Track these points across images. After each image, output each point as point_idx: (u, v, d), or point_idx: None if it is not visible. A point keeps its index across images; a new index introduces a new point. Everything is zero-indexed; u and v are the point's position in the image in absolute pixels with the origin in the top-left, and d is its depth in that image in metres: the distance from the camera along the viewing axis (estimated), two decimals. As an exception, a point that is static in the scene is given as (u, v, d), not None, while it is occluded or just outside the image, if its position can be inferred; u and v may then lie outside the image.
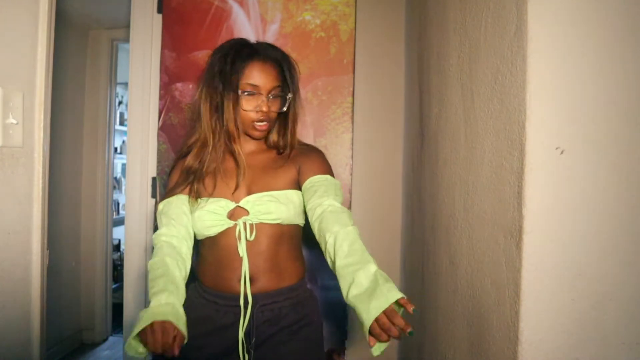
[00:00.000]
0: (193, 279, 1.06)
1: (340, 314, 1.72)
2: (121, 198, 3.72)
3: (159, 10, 1.82)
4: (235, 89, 0.98)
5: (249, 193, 1.02)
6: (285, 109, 1.03)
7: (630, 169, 0.65)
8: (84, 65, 2.72)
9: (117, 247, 3.39)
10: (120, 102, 3.71)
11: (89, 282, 2.79)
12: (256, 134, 1.03)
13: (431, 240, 1.23)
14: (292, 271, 1.04)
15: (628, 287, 0.66)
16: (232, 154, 1.04)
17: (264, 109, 0.99)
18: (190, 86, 1.78)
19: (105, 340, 2.82)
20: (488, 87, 0.82)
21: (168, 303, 0.85)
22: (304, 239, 1.13)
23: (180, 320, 0.84)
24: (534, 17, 0.66)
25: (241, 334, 0.97)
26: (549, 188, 0.66)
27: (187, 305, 1.04)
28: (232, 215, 1.00)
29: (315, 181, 1.00)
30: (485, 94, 0.83)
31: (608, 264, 0.66)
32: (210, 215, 0.98)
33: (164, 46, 1.80)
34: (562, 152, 0.66)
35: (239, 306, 0.97)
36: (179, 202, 1.02)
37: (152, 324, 0.79)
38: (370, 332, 0.73)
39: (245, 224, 0.99)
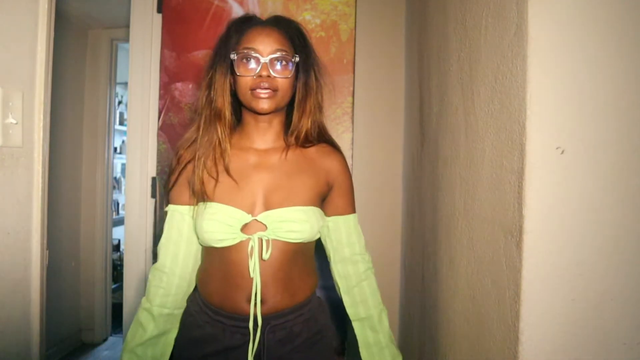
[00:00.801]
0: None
1: (340, 314, 1.72)
2: (121, 198, 3.72)
3: (159, 10, 1.82)
4: (228, 57, 0.89)
5: (267, 202, 0.89)
6: (292, 72, 0.89)
7: (630, 168, 0.65)
8: (83, 65, 2.72)
9: (117, 247, 3.39)
10: (120, 102, 3.71)
11: (88, 282, 2.79)
12: (259, 104, 0.87)
13: (431, 240, 1.23)
14: (305, 287, 0.94)
15: (628, 287, 0.66)
16: (220, 139, 0.91)
17: (264, 72, 0.86)
18: (190, 86, 1.78)
19: (105, 340, 2.83)
20: (488, 87, 0.82)
21: None
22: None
23: None
24: (534, 17, 0.66)
25: (250, 359, 0.87)
26: (549, 188, 0.66)
27: (187, 321, 0.94)
28: (244, 226, 0.88)
29: (343, 229, 0.98)
30: (486, 94, 0.83)
31: (608, 264, 0.66)
32: (222, 226, 0.86)
33: (163, 46, 1.80)
34: (562, 152, 0.66)
35: (248, 327, 0.87)
36: (181, 225, 0.93)
37: None
38: None
39: (260, 240, 0.87)
